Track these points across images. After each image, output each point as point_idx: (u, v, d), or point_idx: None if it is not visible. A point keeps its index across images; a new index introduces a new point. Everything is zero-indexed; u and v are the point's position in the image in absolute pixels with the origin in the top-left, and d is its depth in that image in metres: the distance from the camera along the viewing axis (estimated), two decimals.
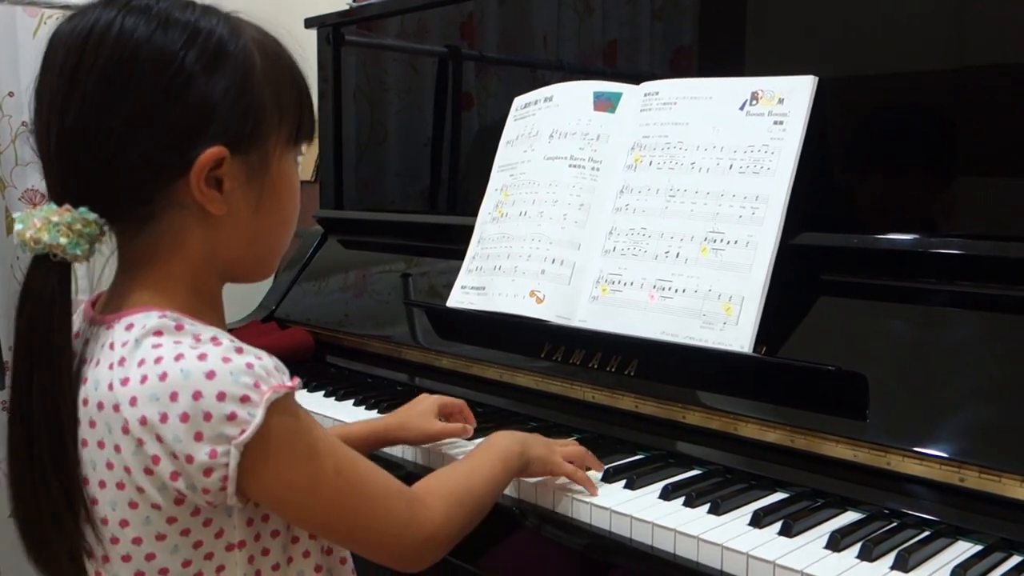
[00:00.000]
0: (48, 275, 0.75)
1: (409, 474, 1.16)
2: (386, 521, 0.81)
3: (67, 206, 0.75)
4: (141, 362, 0.73)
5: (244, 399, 0.71)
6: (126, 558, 0.77)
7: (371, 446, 1.15)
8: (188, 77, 0.74)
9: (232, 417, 0.71)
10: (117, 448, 0.74)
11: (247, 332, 1.71)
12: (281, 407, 0.73)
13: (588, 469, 1.06)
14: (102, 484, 0.76)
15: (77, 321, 0.82)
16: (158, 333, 0.74)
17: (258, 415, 0.71)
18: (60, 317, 0.75)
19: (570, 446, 1.07)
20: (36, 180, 2.14)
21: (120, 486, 0.75)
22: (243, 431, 0.71)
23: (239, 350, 0.74)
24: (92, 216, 0.75)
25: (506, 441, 1.00)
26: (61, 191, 0.76)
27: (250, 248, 0.82)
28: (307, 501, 0.77)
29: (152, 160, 0.75)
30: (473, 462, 0.95)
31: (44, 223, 0.74)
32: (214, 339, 0.74)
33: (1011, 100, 1.06)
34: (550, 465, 1.02)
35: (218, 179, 0.76)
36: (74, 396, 0.77)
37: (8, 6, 2.03)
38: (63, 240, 0.74)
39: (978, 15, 1.09)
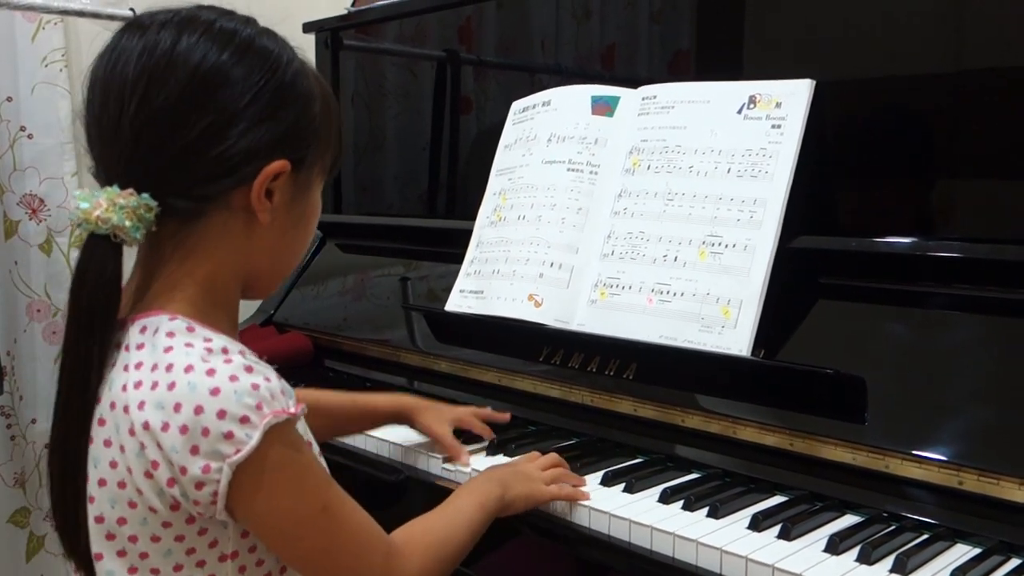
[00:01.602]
0: (106, 255, 0.77)
1: (407, 479, 1.16)
2: (363, 568, 0.82)
3: (131, 190, 0.76)
4: (154, 367, 0.75)
5: (244, 420, 0.73)
6: (121, 553, 0.78)
7: (395, 420, 1.23)
8: (274, 97, 0.79)
9: (229, 436, 0.72)
10: (122, 448, 0.75)
11: (245, 336, 1.69)
12: (280, 433, 0.75)
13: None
14: (102, 482, 0.77)
15: None
16: (170, 335, 0.76)
17: (255, 437, 0.73)
18: (116, 296, 0.78)
19: (551, 468, 1.05)
20: (34, 185, 2.14)
21: (121, 485, 0.76)
22: (238, 450, 0.73)
23: (249, 369, 0.75)
24: (154, 203, 0.77)
25: (485, 486, 0.99)
26: (125, 176, 0.77)
27: (274, 261, 0.86)
28: (289, 533, 0.78)
29: (225, 162, 0.78)
30: (452, 509, 0.95)
31: (110, 204, 0.75)
32: (225, 350, 0.76)
33: (1008, 103, 1.06)
34: (532, 498, 1.01)
35: (270, 191, 0.80)
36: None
37: (7, 11, 2.03)
38: (128, 223, 0.76)
39: (975, 18, 1.09)
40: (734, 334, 1.11)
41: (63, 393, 0.78)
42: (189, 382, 0.73)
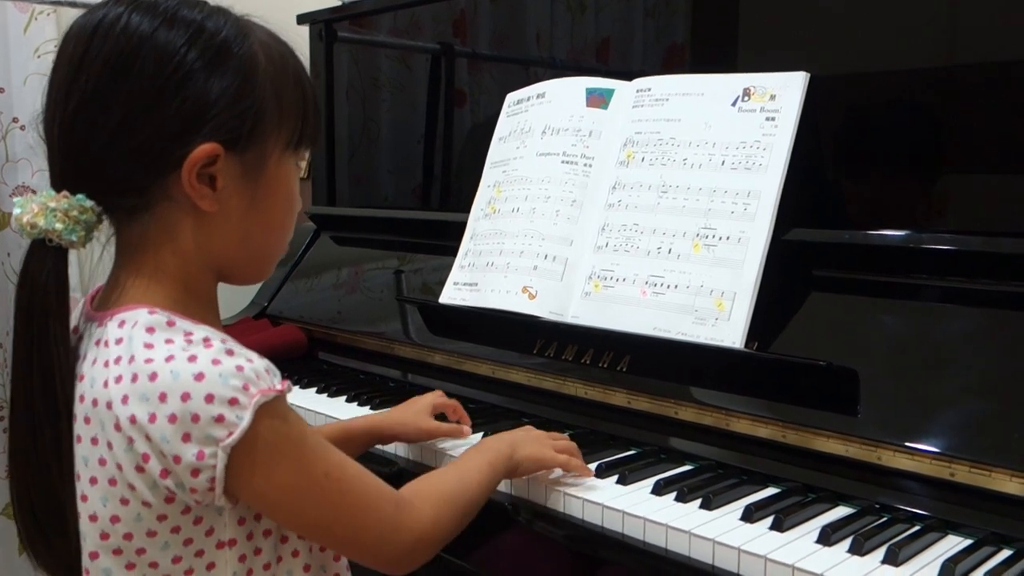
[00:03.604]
0: (44, 260, 0.77)
1: (402, 470, 1.17)
2: (375, 524, 0.81)
3: (65, 193, 0.76)
4: (132, 359, 0.73)
5: (232, 401, 0.72)
6: (117, 551, 0.77)
7: (370, 442, 1.16)
8: (187, 74, 0.75)
9: (220, 419, 0.71)
10: (109, 445, 0.74)
11: (239, 329, 1.70)
12: (270, 410, 0.74)
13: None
14: (93, 480, 0.76)
15: (76, 316, 0.82)
16: (150, 330, 0.75)
17: (246, 418, 0.72)
18: (57, 302, 0.77)
19: (562, 440, 1.07)
20: (27, 176, 2.14)
21: (112, 482, 0.75)
22: (230, 433, 0.72)
23: (230, 352, 0.74)
24: (89, 203, 0.76)
25: (495, 444, 1.00)
26: (60, 178, 0.77)
27: (242, 247, 0.83)
28: (296, 505, 0.77)
29: (147, 152, 0.76)
30: (461, 465, 0.95)
31: (42, 208, 0.75)
32: (206, 340, 0.74)
33: (1001, 97, 1.06)
34: (542, 461, 1.02)
35: (212, 176, 0.77)
36: (72, 388, 0.77)
37: None
38: (59, 226, 0.75)
39: (969, 13, 1.09)
40: (728, 326, 1.11)
41: (20, 398, 0.77)
42: (171, 371, 0.72)
